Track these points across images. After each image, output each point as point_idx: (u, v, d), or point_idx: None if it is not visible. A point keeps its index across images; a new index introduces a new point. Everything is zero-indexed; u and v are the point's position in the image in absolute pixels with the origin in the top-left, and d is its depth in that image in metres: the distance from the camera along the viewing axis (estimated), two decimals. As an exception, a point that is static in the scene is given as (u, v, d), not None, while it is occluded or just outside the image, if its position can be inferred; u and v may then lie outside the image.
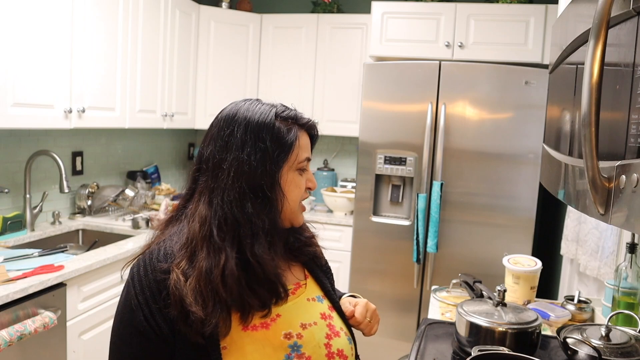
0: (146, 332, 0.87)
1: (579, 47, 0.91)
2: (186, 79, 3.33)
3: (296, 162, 0.95)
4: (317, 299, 1.03)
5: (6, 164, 2.48)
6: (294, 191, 0.96)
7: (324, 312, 1.01)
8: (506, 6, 3.03)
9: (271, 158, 0.91)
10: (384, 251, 3.00)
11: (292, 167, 0.95)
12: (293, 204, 0.96)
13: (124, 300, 0.91)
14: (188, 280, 0.86)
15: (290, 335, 0.92)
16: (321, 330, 0.97)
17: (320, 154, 3.92)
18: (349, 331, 1.04)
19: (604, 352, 1.24)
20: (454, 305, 1.81)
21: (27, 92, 2.11)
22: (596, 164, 0.65)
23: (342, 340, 0.98)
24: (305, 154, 0.97)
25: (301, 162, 0.97)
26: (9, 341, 1.63)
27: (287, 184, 0.94)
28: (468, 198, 2.85)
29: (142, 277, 0.89)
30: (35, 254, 2.13)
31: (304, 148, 0.97)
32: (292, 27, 3.58)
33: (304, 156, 0.97)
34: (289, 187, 0.95)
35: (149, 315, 0.87)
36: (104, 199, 2.91)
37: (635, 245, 1.54)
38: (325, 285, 1.07)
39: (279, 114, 0.95)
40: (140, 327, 0.87)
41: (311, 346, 0.93)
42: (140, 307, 0.87)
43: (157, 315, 0.86)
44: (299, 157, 0.96)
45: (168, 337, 0.87)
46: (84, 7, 2.36)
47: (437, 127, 2.85)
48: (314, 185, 1.00)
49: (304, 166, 0.98)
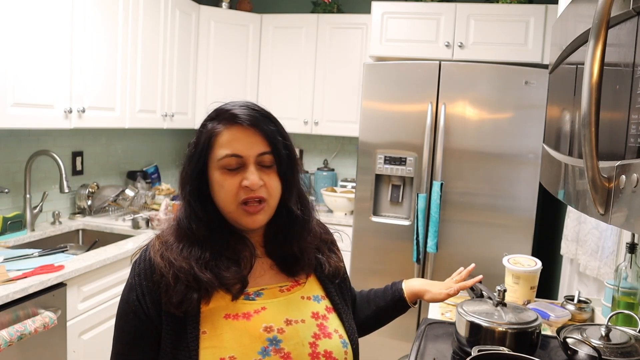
0: (137, 311, 0.94)
1: (579, 47, 0.91)
2: (186, 79, 3.33)
3: (215, 160, 0.94)
4: (314, 298, 1.02)
5: (6, 164, 2.48)
6: (219, 192, 0.94)
7: (318, 312, 1.00)
8: (506, 6, 3.03)
9: (194, 160, 0.95)
10: (384, 251, 3.00)
11: (215, 167, 0.94)
12: (223, 204, 0.94)
13: (128, 279, 0.99)
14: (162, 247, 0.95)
15: (271, 328, 0.93)
16: (308, 329, 0.96)
17: (320, 154, 3.93)
18: (347, 335, 1.01)
19: (604, 352, 1.24)
20: (454, 305, 1.81)
21: (27, 92, 2.11)
22: (596, 164, 0.65)
23: (332, 342, 0.97)
24: (224, 150, 0.92)
25: (220, 160, 0.93)
26: (9, 341, 1.64)
27: (213, 185, 0.95)
28: (468, 198, 2.85)
29: (140, 259, 0.98)
30: (35, 254, 2.13)
31: (224, 144, 0.93)
32: (292, 27, 3.58)
33: (223, 153, 0.92)
34: (214, 187, 0.95)
35: (141, 295, 0.93)
36: (104, 199, 2.90)
37: (635, 245, 1.54)
38: (328, 287, 1.05)
39: (210, 115, 0.97)
40: (133, 305, 0.94)
41: (292, 343, 0.93)
42: (135, 287, 0.95)
43: (147, 296, 0.93)
44: (216, 154, 0.93)
45: (155, 319, 0.93)
46: (84, 7, 2.36)
47: (437, 127, 2.84)
48: (250, 184, 0.91)
49: (227, 164, 0.92)
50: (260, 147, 0.93)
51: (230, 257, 0.95)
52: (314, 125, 3.58)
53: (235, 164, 0.93)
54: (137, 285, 0.94)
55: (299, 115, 3.59)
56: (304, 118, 3.58)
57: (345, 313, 1.05)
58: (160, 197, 3.23)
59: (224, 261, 0.94)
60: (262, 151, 0.93)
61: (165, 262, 0.92)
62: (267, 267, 1.02)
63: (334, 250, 1.13)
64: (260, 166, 0.94)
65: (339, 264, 1.10)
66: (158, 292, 0.92)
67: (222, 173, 0.93)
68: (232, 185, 0.92)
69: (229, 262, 0.94)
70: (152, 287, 0.93)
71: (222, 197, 0.94)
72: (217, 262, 0.93)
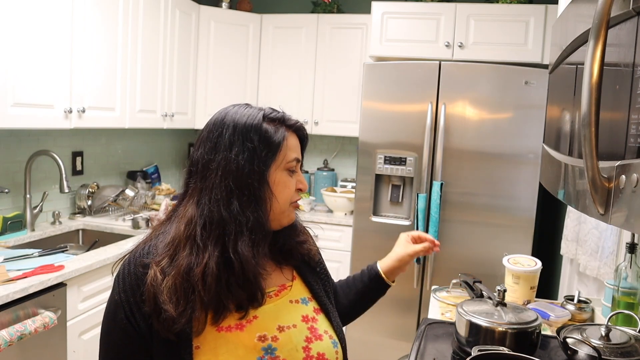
0: (127, 328, 0.90)
1: (579, 47, 0.91)
2: (186, 79, 3.33)
3: (284, 162, 0.95)
4: (302, 300, 1.02)
5: (6, 164, 2.48)
6: (283, 191, 0.96)
7: (307, 314, 1.00)
8: (506, 6, 3.03)
9: (259, 157, 0.92)
10: (384, 251, 2.95)
11: (280, 167, 0.95)
12: (283, 204, 0.96)
13: (110, 296, 0.95)
14: (165, 278, 0.87)
15: (264, 337, 0.92)
16: (300, 334, 0.96)
17: (320, 154, 3.93)
18: (336, 334, 1.02)
19: (604, 352, 1.24)
20: (453, 305, 1.81)
21: (27, 92, 2.11)
22: (596, 164, 0.65)
23: (324, 344, 0.97)
24: (293, 154, 0.97)
25: (289, 162, 0.96)
26: (9, 341, 1.64)
27: (276, 184, 0.95)
28: (468, 198, 2.86)
29: (125, 274, 0.93)
30: (35, 254, 2.13)
31: (292, 148, 0.97)
32: (292, 27, 3.58)
33: (293, 156, 0.97)
34: (278, 187, 0.95)
35: (129, 312, 0.90)
36: (104, 199, 2.91)
37: (635, 245, 1.54)
38: (313, 287, 1.06)
39: (266, 116, 0.96)
40: (121, 323, 0.91)
41: (287, 349, 0.92)
42: (122, 304, 0.91)
43: (135, 312, 0.90)
44: (287, 157, 0.96)
45: (145, 334, 0.90)
46: (84, 7, 2.36)
47: (437, 127, 2.85)
48: (304, 186, 1.00)
49: (292, 167, 0.97)
50: (299, 154, 1.01)
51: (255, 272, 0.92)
52: (314, 125, 3.58)
53: (295, 167, 0.99)
54: (124, 302, 0.90)
55: (299, 115, 3.59)
56: (304, 118, 3.58)
57: (332, 312, 1.06)
58: (160, 197, 3.23)
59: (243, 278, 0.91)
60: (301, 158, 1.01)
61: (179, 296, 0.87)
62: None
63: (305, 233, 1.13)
64: None
65: (311, 248, 1.10)
66: (145, 310, 0.88)
67: (288, 175, 0.97)
68: (294, 187, 0.99)
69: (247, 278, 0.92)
70: (140, 303, 0.89)
71: (284, 197, 0.97)
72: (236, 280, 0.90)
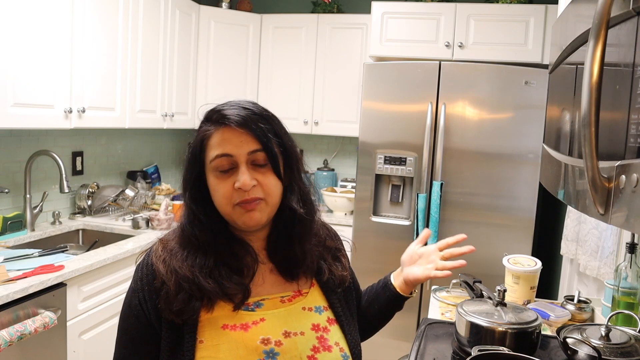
0: (139, 315, 0.94)
1: (579, 47, 0.91)
2: (186, 79, 3.33)
3: (208, 162, 0.93)
4: (316, 309, 0.99)
5: (6, 164, 2.48)
6: (215, 195, 0.93)
7: (319, 323, 0.97)
8: (506, 6, 3.03)
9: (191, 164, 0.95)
10: (384, 251, 3.00)
11: (209, 170, 0.93)
12: (220, 207, 0.93)
13: (131, 282, 0.99)
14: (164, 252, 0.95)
15: (268, 341, 0.91)
16: (307, 342, 0.93)
17: (320, 154, 3.93)
18: (348, 348, 0.98)
19: (604, 352, 1.24)
20: (454, 305, 1.81)
21: (27, 92, 2.11)
22: (596, 164, 0.65)
23: (332, 356, 0.94)
24: (215, 151, 0.91)
25: (212, 162, 0.92)
26: (9, 341, 1.64)
27: (210, 188, 0.94)
28: (468, 198, 2.85)
29: (144, 264, 0.97)
30: (35, 254, 2.13)
31: (217, 145, 0.91)
32: (292, 27, 3.58)
33: (214, 154, 0.91)
34: (211, 191, 0.94)
35: (143, 300, 0.94)
36: (104, 199, 2.90)
37: (635, 245, 1.54)
38: (331, 297, 1.02)
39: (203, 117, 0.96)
40: (135, 310, 0.94)
41: (290, 356, 0.91)
42: (137, 292, 0.95)
43: (148, 302, 0.93)
44: (208, 156, 0.93)
45: (155, 324, 0.93)
46: (84, 7, 2.36)
47: (437, 127, 2.84)
48: (241, 184, 0.89)
49: (220, 166, 0.91)
50: (251, 145, 0.90)
51: (233, 264, 0.94)
52: (314, 125, 3.58)
53: (227, 165, 0.91)
54: (139, 290, 0.95)
55: (299, 115, 3.59)
56: (304, 118, 3.58)
57: (349, 324, 1.02)
58: (160, 197, 3.23)
59: (226, 269, 0.92)
60: (253, 149, 0.90)
61: (168, 270, 0.92)
62: (267, 272, 0.99)
63: (339, 258, 1.09)
64: (254, 165, 0.92)
65: (343, 273, 1.05)
66: (158, 299, 0.92)
67: (216, 177, 0.92)
68: (226, 188, 0.91)
69: (231, 270, 0.93)
70: (153, 293, 0.93)
71: (217, 201, 0.93)
72: (219, 270, 0.92)
